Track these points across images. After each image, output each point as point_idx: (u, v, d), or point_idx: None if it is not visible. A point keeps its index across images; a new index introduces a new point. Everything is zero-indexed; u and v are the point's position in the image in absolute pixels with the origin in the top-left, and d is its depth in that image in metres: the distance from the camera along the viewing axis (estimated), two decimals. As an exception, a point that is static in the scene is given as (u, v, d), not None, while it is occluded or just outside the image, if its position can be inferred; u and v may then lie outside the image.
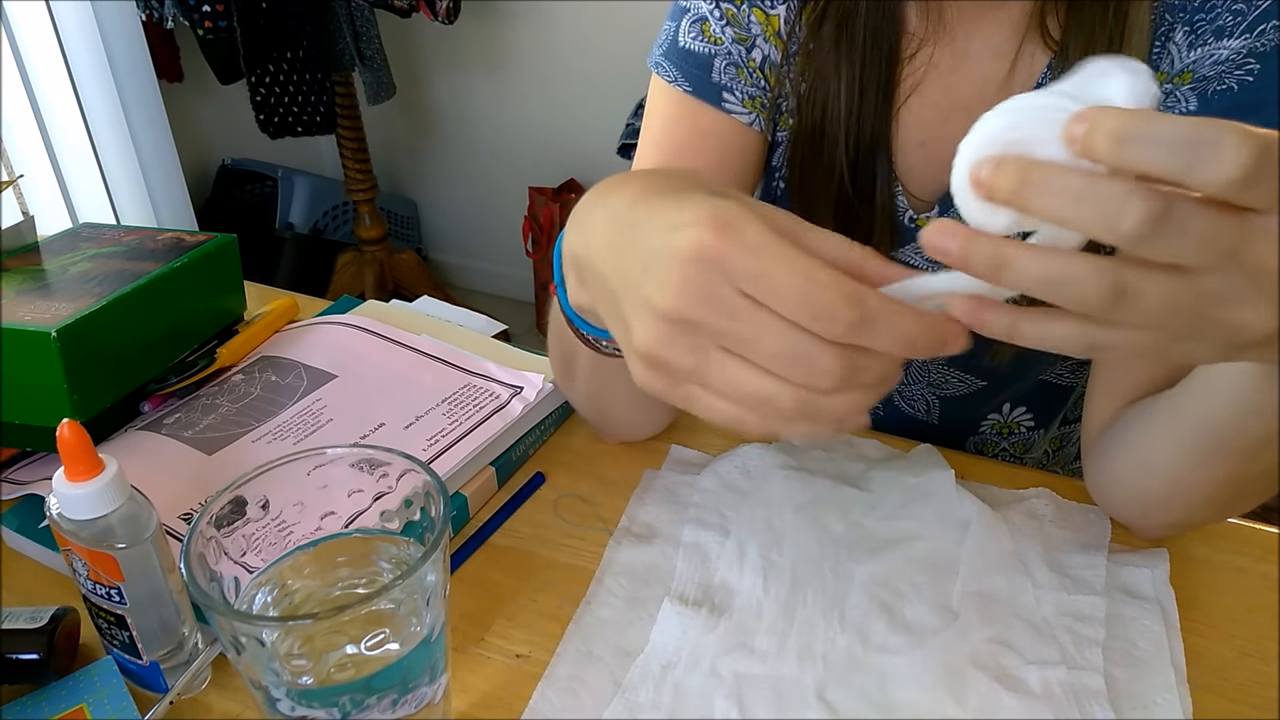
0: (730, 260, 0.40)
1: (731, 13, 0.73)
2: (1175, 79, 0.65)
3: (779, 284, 0.39)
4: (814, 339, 0.39)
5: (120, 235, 0.86)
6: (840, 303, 0.38)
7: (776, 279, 0.39)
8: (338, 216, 2.62)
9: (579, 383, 0.70)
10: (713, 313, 0.40)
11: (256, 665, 0.45)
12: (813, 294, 0.38)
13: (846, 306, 0.38)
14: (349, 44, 2.14)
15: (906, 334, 0.39)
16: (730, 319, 0.40)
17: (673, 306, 0.41)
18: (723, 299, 0.40)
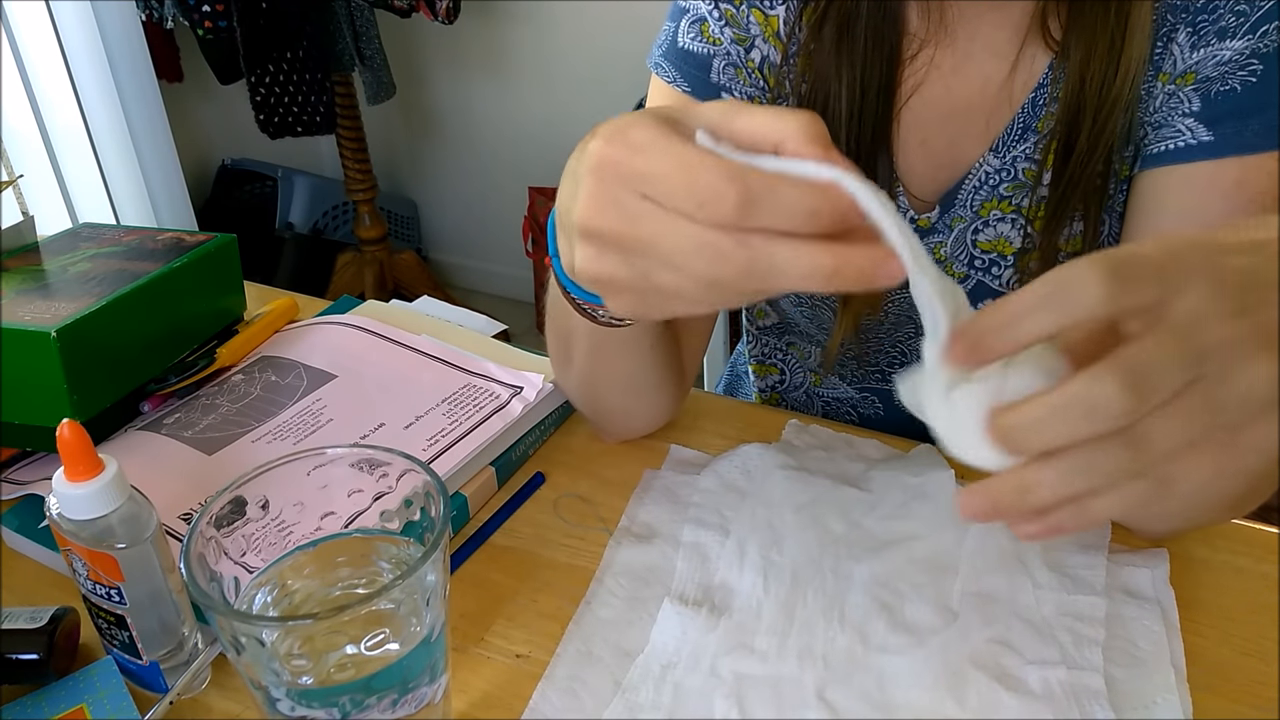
0: (622, 165, 0.40)
1: (730, 13, 0.73)
2: (1178, 80, 0.65)
3: (664, 179, 0.39)
4: (710, 229, 0.38)
5: (120, 235, 0.86)
6: (721, 182, 0.38)
7: (661, 175, 0.39)
8: (338, 216, 2.62)
9: (576, 367, 0.69)
10: (619, 220, 0.40)
11: (256, 665, 0.45)
12: (694, 180, 0.38)
13: (728, 184, 0.38)
14: (349, 44, 2.14)
15: (804, 204, 0.38)
16: (634, 223, 0.40)
17: (584, 220, 0.41)
18: (626, 204, 0.40)
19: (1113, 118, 0.66)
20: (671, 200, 0.39)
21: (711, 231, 0.38)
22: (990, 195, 0.73)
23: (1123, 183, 0.70)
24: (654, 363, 0.70)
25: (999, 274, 0.76)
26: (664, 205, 0.39)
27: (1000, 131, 0.72)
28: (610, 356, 0.67)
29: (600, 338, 0.64)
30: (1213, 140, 0.63)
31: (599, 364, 0.68)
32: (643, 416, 0.75)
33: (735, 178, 0.38)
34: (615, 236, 0.41)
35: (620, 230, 0.41)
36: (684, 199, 0.38)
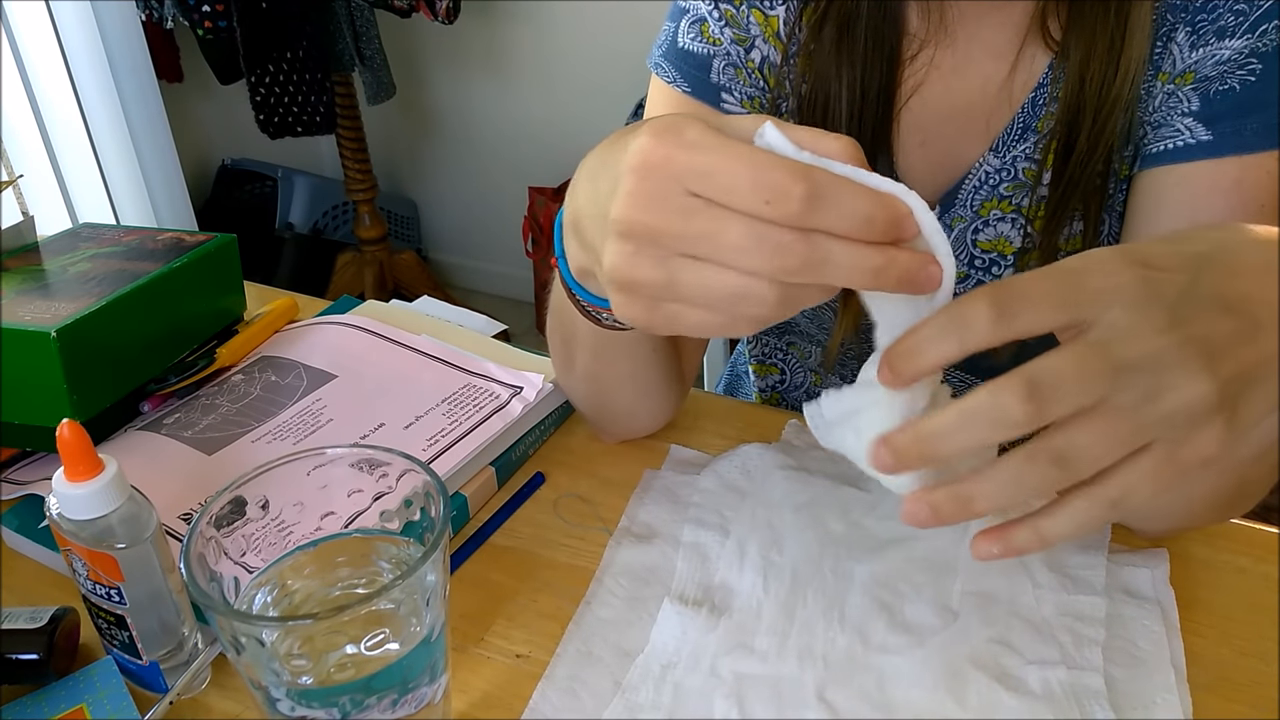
0: (674, 161, 0.40)
1: (730, 13, 0.73)
2: (1177, 79, 0.65)
3: (725, 174, 0.39)
4: (771, 225, 0.39)
5: (120, 235, 0.86)
6: (789, 179, 0.38)
7: (722, 170, 0.39)
8: (337, 216, 2.62)
9: (578, 368, 0.69)
10: (667, 217, 0.40)
11: (256, 665, 0.45)
12: (761, 176, 0.38)
13: (796, 182, 0.38)
14: (349, 44, 2.14)
15: (862, 209, 0.38)
16: (686, 219, 0.40)
17: (626, 217, 0.41)
18: (674, 201, 0.40)
19: (1112, 118, 0.66)
20: (734, 195, 0.39)
21: (772, 227, 0.38)
22: (990, 195, 0.73)
23: (1122, 182, 0.70)
24: (656, 365, 0.70)
25: (999, 273, 0.76)
26: (721, 201, 0.39)
27: (1000, 131, 0.72)
28: (613, 359, 0.67)
29: (603, 341, 0.64)
30: (1211, 139, 0.63)
31: (602, 366, 0.68)
32: (644, 418, 0.75)
33: (803, 175, 0.38)
34: (658, 233, 0.41)
35: (665, 226, 0.40)
36: (748, 193, 0.38)
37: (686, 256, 0.41)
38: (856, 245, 0.39)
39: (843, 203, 0.38)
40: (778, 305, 0.40)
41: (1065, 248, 0.73)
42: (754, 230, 0.39)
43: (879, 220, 0.38)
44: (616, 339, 0.63)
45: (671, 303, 0.42)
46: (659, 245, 0.41)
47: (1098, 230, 0.71)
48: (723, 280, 0.40)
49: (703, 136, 0.40)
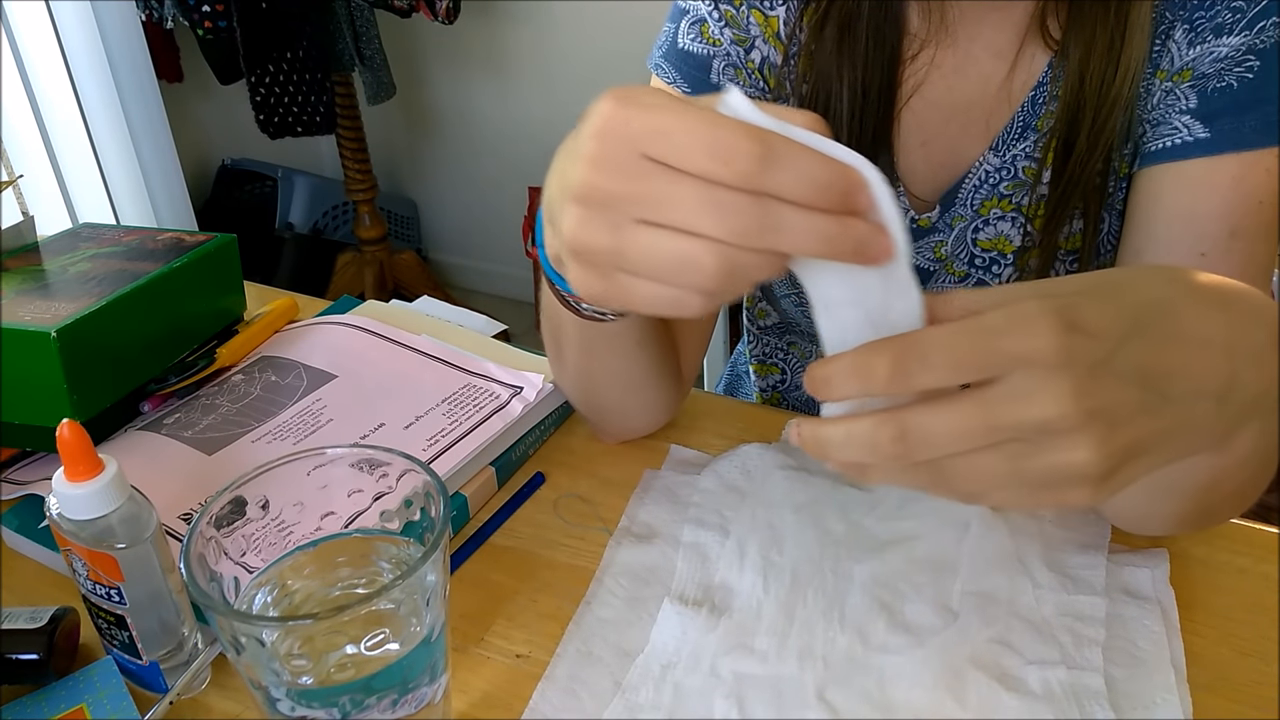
0: (630, 124, 0.39)
1: (730, 14, 0.73)
2: (1175, 77, 0.65)
3: (679, 134, 0.38)
4: (724, 187, 0.38)
5: (120, 235, 0.86)
6: (742, 139, 0.38)
7: (676, 131, 0.39)
8: (337, 216, 2.62)
9: (569, 365, 0.69)
10: (620, 179, 0.40)
11: (256, 665, 0.45)
12: (714, 136, 0.38)
13: (749, 142, 0.38)
14: (349, 44, 2.14)
15: (816, 174, 0.38)
16: (639, 182, 0.39)
17: (583, 180, 0.41)
18: (629, 164, 0.40)
19: (1112, 116, 0.66)
20: (687, 156, 0.38)
21: (725, 189, 0.38)
22: (990, 194, 0.73)
23: (1122, 180, 0.70)
24: (646, 361, 0.69)
25: (999, 272, 0.76)
26: (674, 163, 0.39)
27: (1000, 130, 0.72)
28: (600, 353, 0.67)
29: (588, 334, 0.64)
30: (1209, 137, 0.63)
31: (590, 361, 0.68)
32: (639, 415, 0.75)
33: (757, 136, 0.38)
34: (613, 197, 0.40)
35: (620, 189, 0.40)
36: (702, 153, 0.38)
37: (641, 222, 0.40)
38: (810, 211, 0.38)
39: (796, 165, 0.38)
40: (723, 275, 0.39)
41: (1065, 246, 0.73)
42: (705, 192, 0.38)
43: (833, 187, 0.38)
44: (602, 332, 0.63)
45: (623, 273, 0.42)
46: (614, 210, 0.41)
47: (1097, 228, 0.71)
48: (670, 246, 0.40)
49: (660, 100, 0.40)
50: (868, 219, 0.39)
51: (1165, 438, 0.40)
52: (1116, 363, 0.38)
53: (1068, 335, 0.37)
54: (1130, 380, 0.38)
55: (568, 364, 0.69)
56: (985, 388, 0.38)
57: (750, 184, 0.38)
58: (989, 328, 0.38)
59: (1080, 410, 0.37)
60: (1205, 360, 0.41)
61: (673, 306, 0.42)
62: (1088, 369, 0.37)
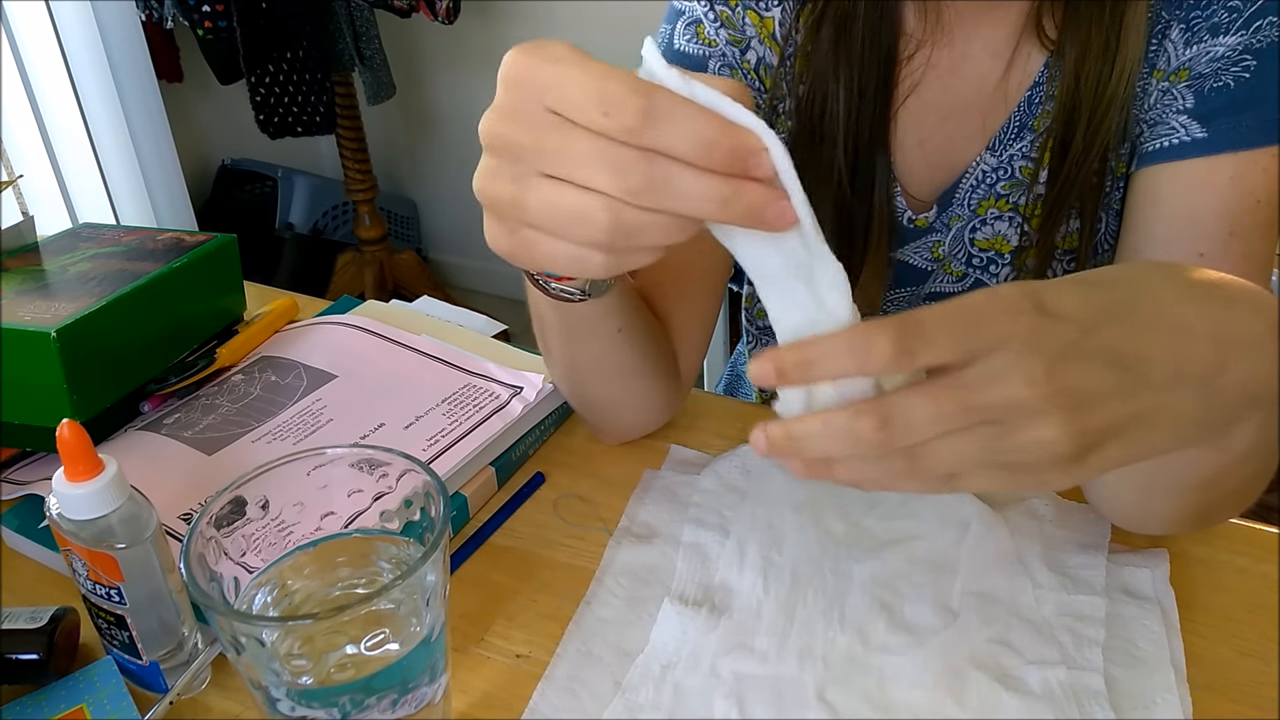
0: (535, 74, 0.40)
1: (726, 15, 0.73)
2: (1171, 76, 0.65)
3: (573, 86, 0.39)
4: (613, 142, 0.38)
5: (120, 235, 0.86)
6: (628, 93, 0.38)
7: (571, 82, 0.39)
8: (337, 216, 2.62)
9: (555, 356, 0.69)
10: (521, 129, 0.40)
11: (256, 665, 0.45)
12: (602, 87, 0.38)
13: (634, 95, 0.38)
14: (349, 44, 2.14)
15: (702, 131, 0.38)
16: (539, 133, 0.40)
17: (489, 129, 0.41)
18: (530, 115, 0.40)
19: (1108, 116, 0.66)
20: (577, 108, 0.39)
21: (615, 143, 0.38)
22: (987, 194, 0.73)
23: (1119, 180, 0.70)
24: (631, 351, 0.68)
25: (997, 272, 0.76)
26: (568, 115, 0.39)
27: (997, 130, 0.72)
28: (582, 341, 0.66)
29: (565, 319, 0.64)
30: (1206, 137, 0.63)
31: (574, 351, 0.68)
32: (632, 411, 0.74)
33: (642, 90, 0.38)
34: (516, 147, 0.41)
35: (522, 140, 0.40)
36: (590, 105, 0.38)
37: (543, 175, 0.40)
38: (701, 172, 0.38)
39: (681, 121, 0.38)
40: (617, 232, 0.40)
41: (1062, 245, 0.73)
42: (597, 145, 0.39)
43: (720, 146, 0.38)
44: (577, 317, 0.63)
45: (526, 227, 0.42)
46: (517, 160, 0.41)
47: (1094, 228, 0.71)
48: (565, 199, 0.40)
49: (564, 53, 0.40)
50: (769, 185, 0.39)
51: (1142, 422, 0.40)
52: (1089, 344, 0.38)
53: (1040, 317, 0.38)
54: (1103, 362, 0.38)
55: (554, 355, 0.69)
56: (959, 371, 0.38)
57: (635, 139, 0.38)
58: (975, 307, 0.38)
59: (1049, 389, 0.37)
60: (1187, 347, 0.41)
61: (574, 264, 0.42)
62: (1058, 349, 0.38)
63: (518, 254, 0.44)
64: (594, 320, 0.64)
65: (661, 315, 0.73)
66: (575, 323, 0.64)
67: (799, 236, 0.40)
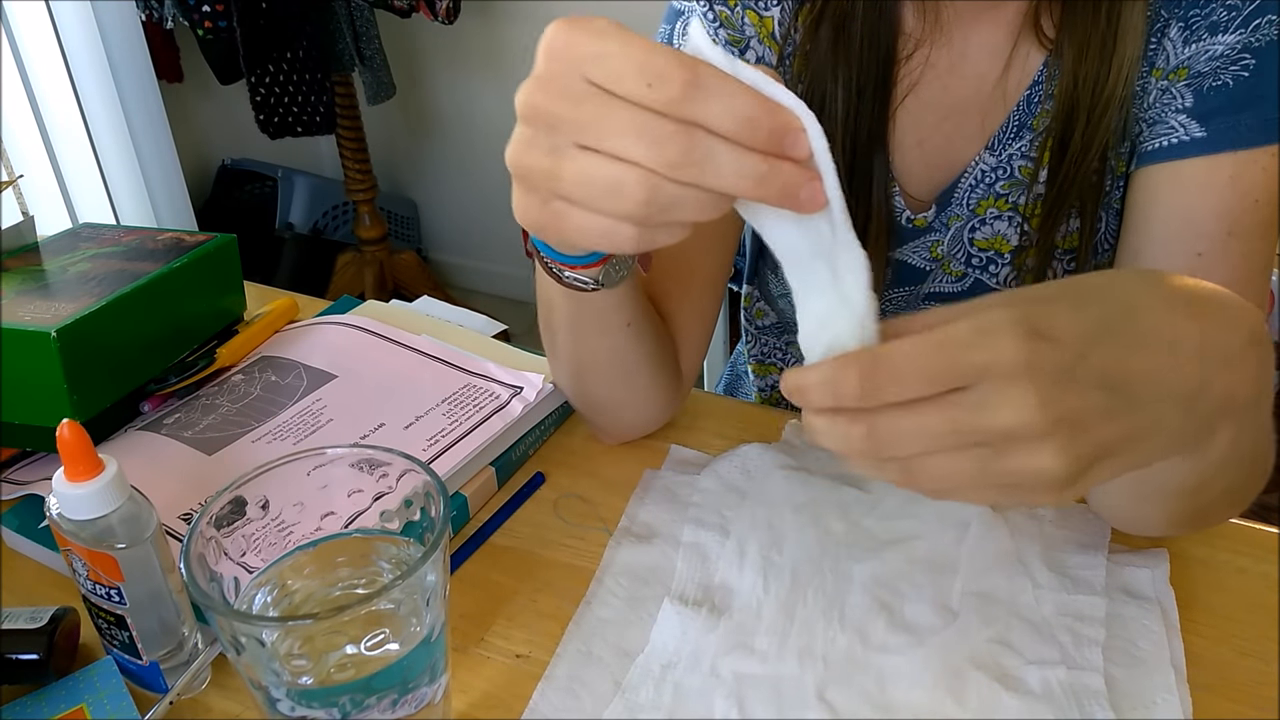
0: (576, 47, 0.40)
1: (725, 15, 0.73)
2: (1170, 75, 0.65)
3: (616, 59, 0.39)
4: (654, 114, 0.39)
5: (120, 235, 0.86)
6: (673, 65, 0.38)
7: (614, 55, 0.39)
8: (337, 216, 2.62)
9: (561, 351, 0.69)
10: (562, 101, 0.40)
11: (256, 665, 0.45)
12: (647, 60, 0.38)
13: (679, 69, 0.38)
14: (349, 44, 2.14)
15: (745, 109, 0.38)
16: (578, 104, 0.40)
17: (527, 100, 0.42)
18: (570, 87, 0.40)
19: (1107, 115, 0.66)
20: (620, 80, 0.39)
21: (655, 116, 0.39)
22: (987, 193, 0.73)
23: (1119, 179, 0.70)
24: (638, 347, 0.68)
25: (997, 272, 0.76)
26: (610, 87, 0.39)
27: (996, 130, 0.72)
28: (590, 334, 0.66)
29: (576, 311, 0.64)
30: (1206, 136, 0.63)
31: (581, 345, 0.68)
32: (633, 409, 0.74)
33: (687, 64, 0.38)
34: (553, 118, 0.41)
35: (560, 111, 0.41)
36: (635, 77, 0.38)
37: (579, 147, 0.41)
38: (740, 148, 0.39)
39: (725, 97, 0.38)
40: (651, 205, 0.40)
41: (1062, 245, 0.73)
42: (636, 117, 0.39)
43: (762, 125, 0.38)
44: (588, 308, 0.63)
45: (558, 199, 0.42)
46: (555, 132, 0.41)
47: (1095, 227, 0.71)
48: (600, 170, 0.40)
49: (608, 26, 0.40)
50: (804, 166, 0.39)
51: (1132, 440, 0.40)
52: (1081, 369, 0.38)
53: (1031, 343, 0.38)
54: (1095, 385, 0.39)
55: (560, 351, 0.69)
56: (954, 394, 0.38)
57: (677, 111, 0.38)
58: (955, 339, 0.38)
59: (1046, 418, 0.37)
60: (1173, 364, 0.41)
61: (605, 238, 0.42)
62: (1052, 376, 0.38)
63: (547, 227, 0.44)
64: (605, 312, 0.64)
65: (663, 314, 0.73)
66: (586, 314, 0.64)
67: (827, 220, 0.40)
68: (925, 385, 0.38)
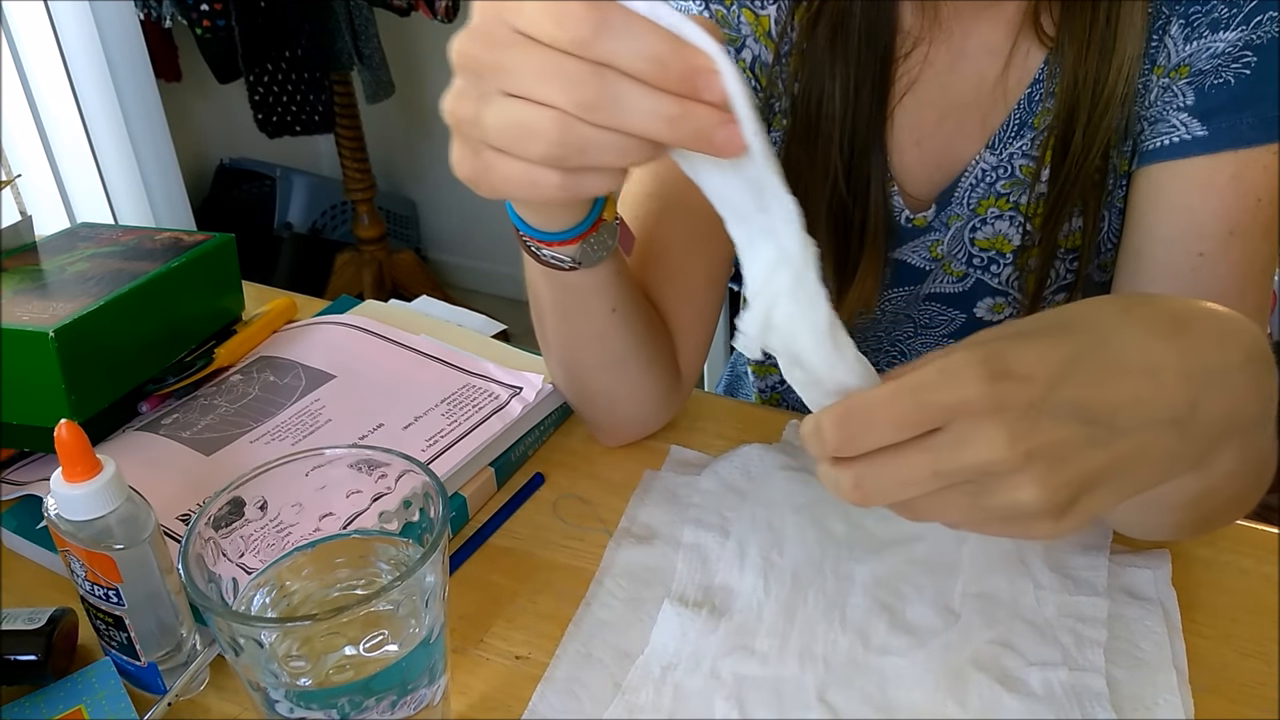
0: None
1: (721, 14, 0.72)
2: (1172, 73, 0.65)
3: (532, 3, 0.39)
4: (566, 56, 0.39)
5: (118, 235, 0.86)
6: (581, 6, 0.38)
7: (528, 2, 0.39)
8: (336, 216, 2.62)
9: (551, 341, 0.69)
10: (486, 47, 0.41)
11: (255, 667, 0.45)
12: (557, 3, 0.38)
13: (587, 9, 0.38)
14: (347, 43, 2.14)
15: (653, 48, 0.38)
16: (499, 50, 0.40)
17: (457, 50, 0.42)
18: (495, 33, 0.40)
19: (1108, 113, 0.66)
20: (533, 22, 0.39)
21: (568, 57, 0.39)
22: (987, 193, 0.73)
23: (1122, 178, 0.70)
24: (624, 334, 0.67)
25: (998, 271, 0.76)
26: (526, 31, 0.40)
27: (996, 129, 0.71)
28: (575, 320, 0.66)
29: (559, 294, 0.64)
30: (1207, 135, 0.63)
31: (567, 331, 0.68)
32: (626, 402, 0.73)
33: (596, 3, 0.38)
34: (479, 65, 0.41)
35: (485, 58, 0.41)
36: (544, 19, 0.39)
37: (502, 93, 0.41)
38: (651, 89, 0.38)
39: (633, 36, 0.38)
40: (566, 147, 0.40)
41: (1065, 244, 0.73)
42: (549, 59, 0.39)
43: (672, 65, 0.38)
44: (571, 290, 0.63)
45: (487, 149, 0.42)
46: (480, 79, 0.41)
47: (1097, 226, 0.71)
48: (518, 113, 0.40)
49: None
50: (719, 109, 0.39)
51: (1121, 469, 0.40)
52: (1051, 402, 0.38)
53: (995, 382, 0.38)
54: (1068, 417, 0.39)
55: (549, 339, 0.69)
56: (931, 436, 0.39)
57: (587, 51, 0.38)
58: (922, 384, 0.39)
59: (1016, 453, 0.38)
60: (1155, 389, 0.40)
61: (530, 186, 0.42)
62: (1021, 412, 0.38)
63: (479, 179, 0.44)
64: (587, 296, 0.64)
65: (663, 314, 0.73)
66: (569, 298, 0.64)
67: (756, 168, 0.40)
68: (898, 431, 0.39)
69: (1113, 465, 0.40)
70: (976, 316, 0.80)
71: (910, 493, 0.40)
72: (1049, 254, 0.72)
